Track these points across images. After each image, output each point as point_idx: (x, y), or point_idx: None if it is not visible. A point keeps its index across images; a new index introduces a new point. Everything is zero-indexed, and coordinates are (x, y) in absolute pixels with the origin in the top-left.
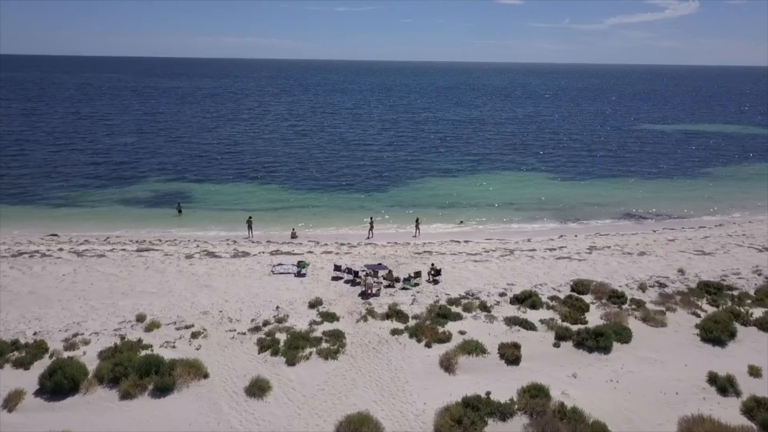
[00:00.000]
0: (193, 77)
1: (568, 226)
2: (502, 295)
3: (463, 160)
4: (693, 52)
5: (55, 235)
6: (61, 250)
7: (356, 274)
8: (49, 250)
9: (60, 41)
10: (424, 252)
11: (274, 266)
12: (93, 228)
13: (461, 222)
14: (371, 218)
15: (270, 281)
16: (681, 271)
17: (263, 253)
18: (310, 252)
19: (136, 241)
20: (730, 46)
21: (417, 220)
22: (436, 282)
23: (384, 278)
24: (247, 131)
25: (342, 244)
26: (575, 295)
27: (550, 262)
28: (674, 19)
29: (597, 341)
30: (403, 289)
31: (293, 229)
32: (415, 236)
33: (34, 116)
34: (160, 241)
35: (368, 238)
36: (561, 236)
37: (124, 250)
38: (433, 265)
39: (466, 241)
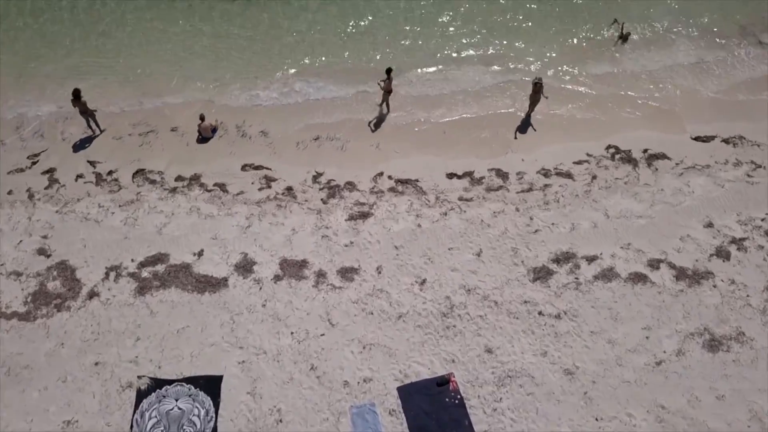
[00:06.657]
0: None
1: None
2: None
3: None
4: None
5: None
6: None
7: None
8: None
9: None
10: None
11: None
12: None
13: (619, 35)
14: (388, 72)
15: None
16: None
17: (107, 279)
18: (250, 257)
19: None
20: None
21: None
22: None
23: None
24: None
25: (333, 187)
26: None
27: None
28: None
29: None
30: None
31: (203, 117)
32: None
33: None
34: None
35: (383, 110)
36: None
37: None
38: None
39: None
